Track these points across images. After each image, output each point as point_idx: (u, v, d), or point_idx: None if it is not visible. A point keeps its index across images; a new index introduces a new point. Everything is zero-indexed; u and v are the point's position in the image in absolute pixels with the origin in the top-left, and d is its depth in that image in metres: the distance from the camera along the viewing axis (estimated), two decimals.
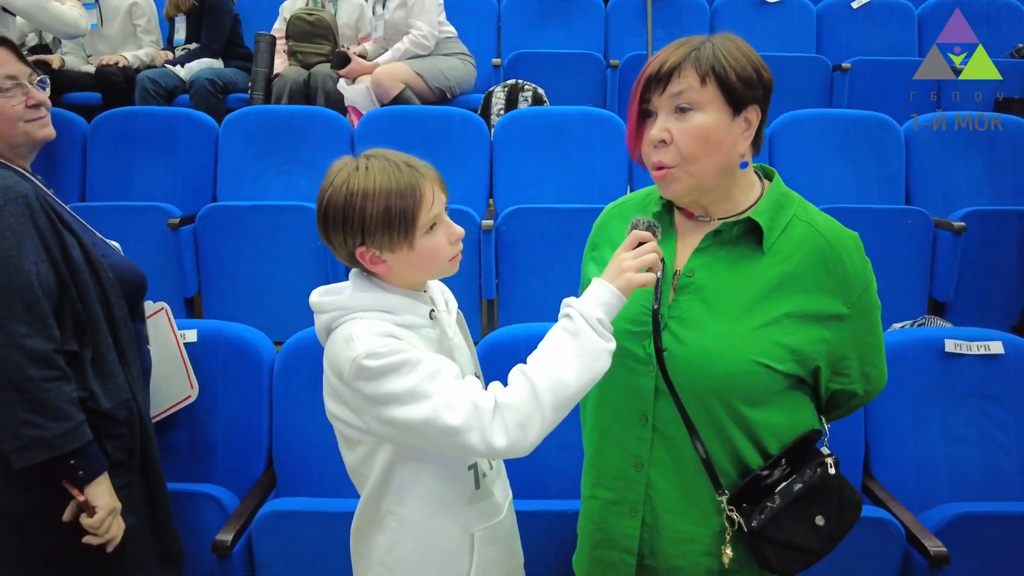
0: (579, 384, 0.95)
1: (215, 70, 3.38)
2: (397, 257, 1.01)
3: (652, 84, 1.00)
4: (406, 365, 0.94)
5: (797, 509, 1.02)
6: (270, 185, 2.77)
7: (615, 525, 1.10)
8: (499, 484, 1.12)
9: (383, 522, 1.05)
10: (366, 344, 0.95)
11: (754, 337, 1.00)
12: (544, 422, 0.93)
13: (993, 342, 1.75)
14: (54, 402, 1.19)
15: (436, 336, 1.05)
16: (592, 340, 0.95)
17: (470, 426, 0.92)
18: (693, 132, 0.97)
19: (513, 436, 0.92)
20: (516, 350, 1.73)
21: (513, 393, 0.94)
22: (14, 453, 1.18)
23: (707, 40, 1.00)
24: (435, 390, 0.93)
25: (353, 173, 0.99)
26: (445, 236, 1.03)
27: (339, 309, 1.01)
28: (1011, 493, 1.73)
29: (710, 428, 1.02)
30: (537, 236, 2.37)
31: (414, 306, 1.03)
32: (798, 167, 2.74)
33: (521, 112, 2.89)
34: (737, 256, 1.03)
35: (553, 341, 0.97)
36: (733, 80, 0.97)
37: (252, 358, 1.80)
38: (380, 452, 1.01)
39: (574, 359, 0.95)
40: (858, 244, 1.05)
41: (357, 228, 0.98)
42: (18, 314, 1.18)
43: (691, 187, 1.02)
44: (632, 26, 3.69)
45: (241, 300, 2.43)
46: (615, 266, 0.99)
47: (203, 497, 1.62)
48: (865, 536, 1.50)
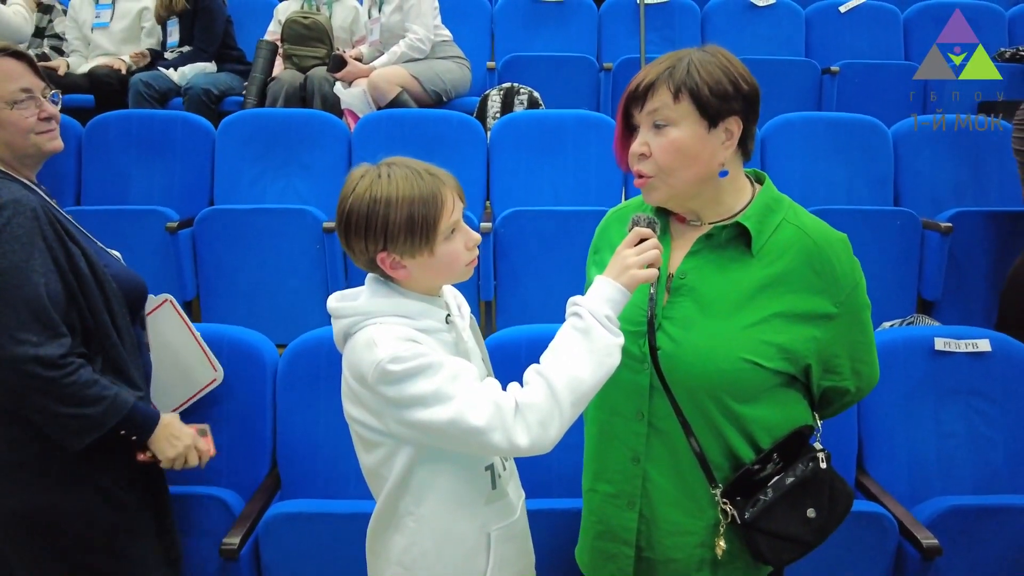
0: (594, 379, 0.98)
1: (210, 77, 3.36)
2: (417, 263, 1.03)
3: (632, 102, 1.06)
4: (430, 368, 0.96)
5: (789, 502, 1.06)
6: (267, 188, 2.77)
7: (614, 517, 1.14)
8: (513, 484, 1.14)
9: (401, 522, 1.06)
10: (389, 348, 0.97)
11: (744, 336, 1.04)
12: (563, 419, 0.96)
13: (981, 340, 1.80)
14: (81, 391, 1.25)
15: (453, 340, 1.07)
16: (603, 336, 0.98)
17: (493, 426, 0.95)
18: (668, 147, 1.03)
19: (535, 434, 0.95)
20: (516, 352, 1.77)
21: (532, 392, 0.97)
22: (68, 440, 1.27)
23: (687, 55, 1.05)
24: (458, 392, 0.96)
25: (376, 180, 1.01)
26: (463, 242, 1.05)
27: (359, 315, 1.03)
28: (999, 486, 1.78)
29: (703, 424, 1.06)
30: (534, 238, 2.40)
31: (431, 311, 1.05)
32: (790, 169, 2.78)
33: (517, 115, 2.92)
34: (727, 259, 1.08)
35: (565, 339, 1.00)
36: (706, 95, 1.01)
37: (255, 360, 1.81)
38: (400, 454, 1.03)
39: (587, 356, 0.97)
40: (846, 245, 1.09)
41: (380, 234, 1.00)
42: (28, 324, 1.22)
43: (669, 195, 1.07)
44: (625, 29, 3.72)
45: (240, 303, 2.44)
46: (618, 263, 1.03)
47: (210, 499, 1.63)
48: (859, 530, 1.54)
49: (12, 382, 1.22)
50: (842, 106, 3.37)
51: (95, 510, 1.33)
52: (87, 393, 1.25)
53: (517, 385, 1.00)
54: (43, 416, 1.25)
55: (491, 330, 2.31)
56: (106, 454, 1.32)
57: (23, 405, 1.25)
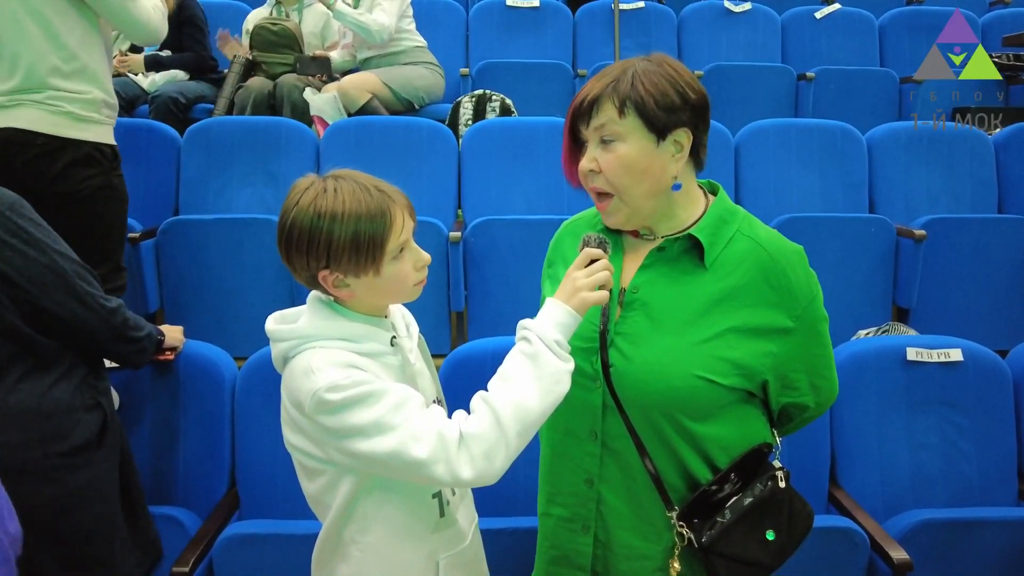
0: (542, 408, 0.94)
1: (180, 84, 3.30)
2: (362, 283, 0.98)
3: (578, 118, 1.03)
4: (370, 397, 0.92)
5: (747, 523, 1.02)
6: (234, 198, 2.72)
7: (569, 542, 1.10)
8: (463, 509, 1.10)
9: (346, 551, 1.02)
10: (327, 376, 0.92)
11: (696, 352, 1.00)
12: (509, 450, 0.92)
13: (952, 350, 1.78)
14: (132, 322, 1.47)
15: (398, 363, 1.02)
16: (552, 363, 0.94)
17: (436, 458, 0.91)
18: (616, 162, 1.00)
19: (479, 467, 0.91)
20: (484, 364, 1.73)
21: (477, 422, 0.93)
22: (133, 361, 1.55)
23: (632, 66, 1.01)
24: (400, 422, 0.91)
25: (321, 194, 0.96)
26: (411, 262, 1.00)
27: (297, 338, 0.98)
28: (971, 498, 1.76)
29: (657, 443, 1.02)
30: (506, 247, 2.36)
31: (375, 333, 1.00)
32: (764, 176, 2.77)
33: (489, 123, 2.89)
34: (680, 272, 1.04)
35: (513, 365, 0.96)
36: (652, 108, 0.98)
37: (214, 376, 1.77)
38: (342, 482, 0.99)
39: (535, 383, 0.93)
40: (802, 257, 1.06)
41: (323, 252, 0.95)
42: (88, 281, 1.38)
43: (628, 216, 1.05)
44: (600, 36, 3.71)
45: (205, 316, 2.38)
46: (569, 285, 0.99)
47: (164, 519, 1.58)
48: (830, 545, 1.52)
49: (107, 334, 1.40)
50: (818, 112, 3.38)
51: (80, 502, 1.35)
52: (136, 324, 1.48)
53: (463, 413, 0.96)
54: (121, 355, 1.49)
55: (462, 341, 2.27)
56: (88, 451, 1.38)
57: (109, 351, 1.46)
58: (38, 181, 1.85)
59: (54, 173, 1.87)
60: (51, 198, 1.81)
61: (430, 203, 2.68)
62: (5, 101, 1.84)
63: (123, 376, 1.75)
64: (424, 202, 2.69)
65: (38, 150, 1.86)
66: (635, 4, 3.72)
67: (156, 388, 1.77)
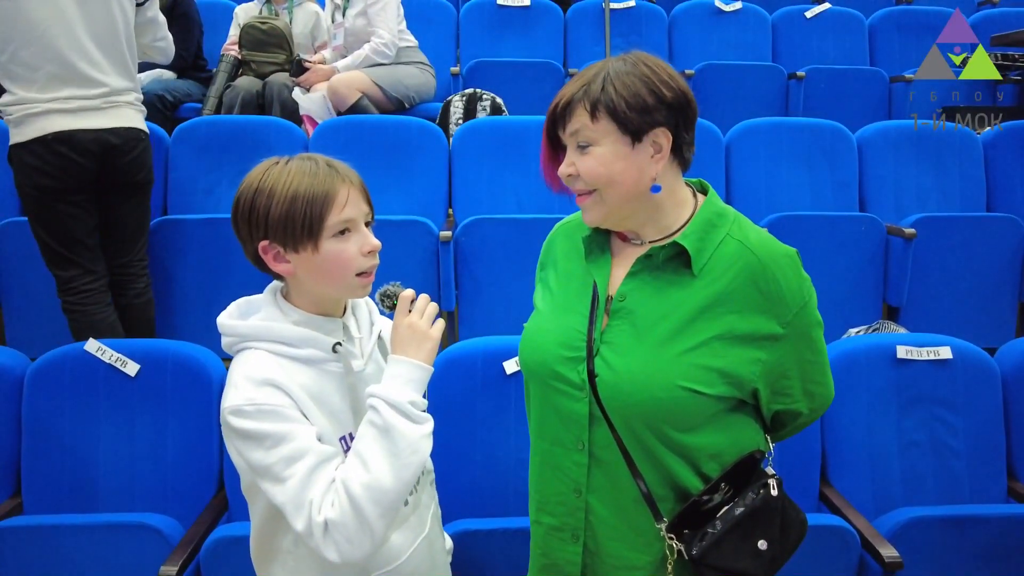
0: (400, 483, 0.92)
1: (166, 83, 3.26)
2: (301, 259, 0.97)
3: (554, 122, 1.02)
4: (267, 439, 0.92)
5: (739, 534, 0.99)
6: (223, 198, 2.69)
7: (558, 551, 1.08)
8: (406, 527, 1.06)
9: (284, 559, 1.03)
10: (238, 395, 0.93)
11: (679, 362, 0.98)
12: (374, 532, 0.91)
13: (942, 348, 1.78)
14: None
15: (341, 370, 1.00)
16: (405, 433, 0.92)
17: (308, 534, 0.91)
18: (593, 167, 0.99)
19: (345, 552, 0.91)
20: (474, 364, 1.72)
21: (338, 511, 0.91)
22: None
23: (605, 68, 0.99)
24: (288, 478, 0.91)
25: (272, 167, 0.98)
26: (357, 246, 0.98)
27: (235, 336, 0.98)
28: (961, 495, 1.76)
29: (645, 454, 1.00)
30: (497, 246, 2.35)
31: (315, 339, 0.98)
32: (755, 175, 2.77)
33: (479, 122, 2.87)
34: (666, 280, 1.02)
35: (365, 444, 0.93)
36: (623, 111, 0.96)
37: (200, 376, 1.75)
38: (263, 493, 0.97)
39: (389, 460, 0.91)
40: (794, 261, 1.02)
41: (262, 220, 0.95)
42: None
43: (605, 215, 1.02)
44: (591, 35, 3.70)
45: (193, 316, 2.37)
46: (407, 335, 0.98)
47: (139, 528, 1.53)
48: (821, 544, 1.51)
49: None
50: (808, 111, 3.38)
51: None
52: None
53: (342, 480, 0.92)
54: None
55: (454, 340, 2.26)
56: None
57: None
58: (139, 172, 2.16)
59: (150, 164, 2.21)
60: (145, 186, 2.21)
61: (420, 202, 2.67)
62: (102, 103, 2.05)
63: (108, 377, 1.73)
64: (414, 201, 2.68)
65: (143, 145, 2.16)
66: (626, 3, 3.71)
67: (143, 388, 1.75)
